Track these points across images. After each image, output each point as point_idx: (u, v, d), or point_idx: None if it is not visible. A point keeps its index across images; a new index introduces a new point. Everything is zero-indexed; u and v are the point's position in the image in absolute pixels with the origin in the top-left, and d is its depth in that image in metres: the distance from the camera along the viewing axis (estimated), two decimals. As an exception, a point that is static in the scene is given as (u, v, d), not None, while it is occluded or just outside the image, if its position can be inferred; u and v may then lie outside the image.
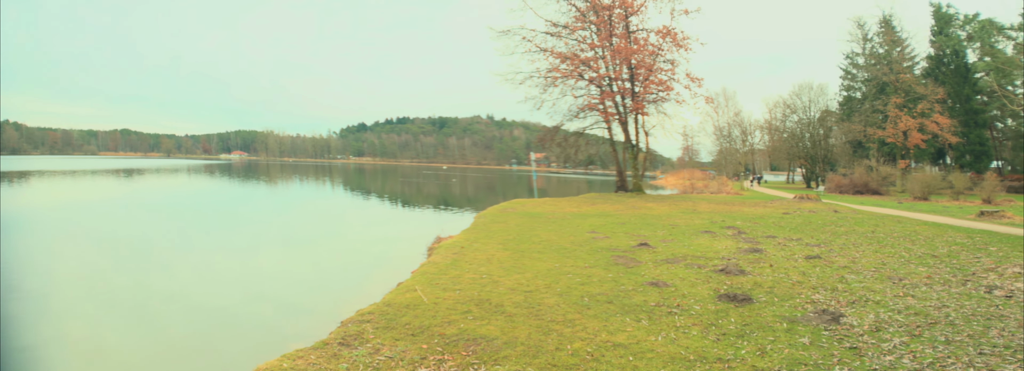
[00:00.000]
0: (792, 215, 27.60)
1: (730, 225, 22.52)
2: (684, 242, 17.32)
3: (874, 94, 64.84)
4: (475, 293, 10.17)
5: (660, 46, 46.19)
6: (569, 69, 45.78)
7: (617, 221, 23.84)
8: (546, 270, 12.48)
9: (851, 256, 14.81)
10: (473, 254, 14.61)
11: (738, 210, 30.50)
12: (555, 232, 19.75)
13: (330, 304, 11.76)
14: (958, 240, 18.42)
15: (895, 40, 66.23)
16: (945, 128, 59.13)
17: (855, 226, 22.71)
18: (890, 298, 10.03)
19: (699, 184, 62.65)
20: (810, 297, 10.02)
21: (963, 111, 62.76)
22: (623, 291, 10.37)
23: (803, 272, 12.37)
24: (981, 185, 42.55)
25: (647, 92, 46.05)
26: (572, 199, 38.44)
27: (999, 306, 9.62)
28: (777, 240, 18.10)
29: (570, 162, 54.13)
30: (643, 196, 43.04)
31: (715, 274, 11.98)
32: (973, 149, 63.48)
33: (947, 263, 13.89)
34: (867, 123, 63.71)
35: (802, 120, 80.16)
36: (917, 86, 61.30)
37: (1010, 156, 68.87)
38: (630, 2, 46.21)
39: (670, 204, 34.46)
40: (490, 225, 22.04)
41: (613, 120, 47.28)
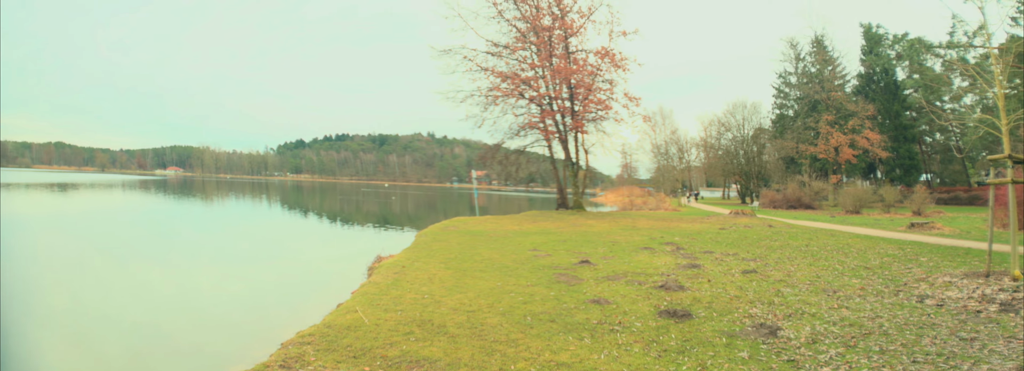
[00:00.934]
0: (728, 230, 28.05)
1: (669, 241, 22.81)
2: (624, 259, 17.49)
3: (806, 112, 66.56)
4: (417, 314, 10.12)
5: (599, 66, 46.81)
6: (510, 88, 46.06)
7: (558, 238, 23.97)
8: (488, 289, 12.49)
9: (786, 270, 15.14)
10: (414, 274, 14.53)
11: (676, 226, 30.90)
12: (497, 250, 19.76)
13: (269, 325, 11.59)
14: (890, 252, 18.91)
15: (827, 59, 68.24)
16: (875, 143, 60.88)
17: (789, 240, 23.17)
18: (825, 310, 10.28)
19: (638, 201, 63.20)
20: (748, 311, 10.22)
21: (893, 127, 64.81)
22: (565, 309, 10.44)
23: (740, 287, 12.60)
24: (911, 198, 43.73)
25: (586, 111, 46.58)
26: (514, 217, 38.50)
27: (931, 315, 9.94)
28: (714, 255, 18.39)
29: (511, 180, 54.42)
30: (584, 213, 43.33)
31: (655, 290, 12.13)
32: (903, 163, 65.58)
33: (879, 274, 14.28)
34: (799, 140, 65.36)
35: (736, 138, 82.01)
36: (848, 103, 63.15)
37: (939, 169, 71.35)
38: (569, 23, 46.80)
39: (610, 221, 34.77)
40: (431, 244, 21.93)
41: (553, 138, 47.69)
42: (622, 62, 46.38)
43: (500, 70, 46.62)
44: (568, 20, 46.98)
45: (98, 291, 15.48)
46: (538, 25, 45.92)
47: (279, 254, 24.87)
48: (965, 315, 9.94)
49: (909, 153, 66.55)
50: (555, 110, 46.55)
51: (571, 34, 47.11)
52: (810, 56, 70.35)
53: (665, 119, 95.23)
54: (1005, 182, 12.90)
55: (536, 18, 46.26)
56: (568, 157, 48.12)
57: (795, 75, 72.22)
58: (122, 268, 19.56)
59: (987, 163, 14.03)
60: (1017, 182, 12.84)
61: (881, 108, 65.57)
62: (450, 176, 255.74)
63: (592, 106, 46.46)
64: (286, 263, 22.02)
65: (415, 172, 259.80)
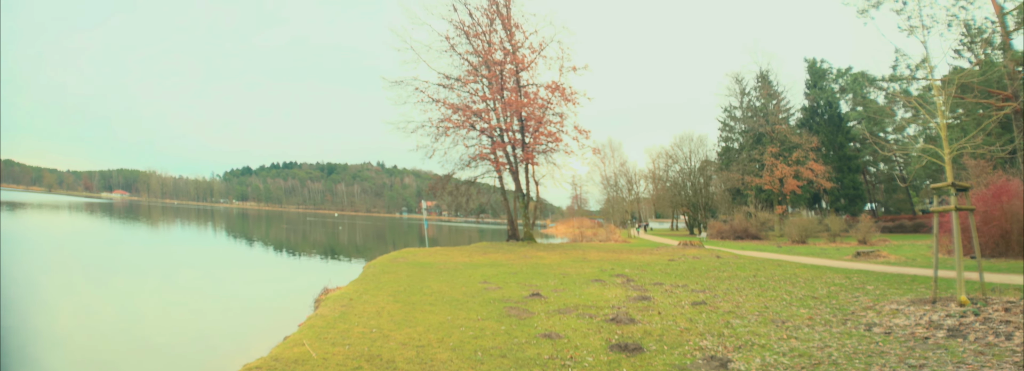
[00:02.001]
0: (677, 262, 28.16)
1: (619, 273, 22.76)
2: (575, 291, 17.39)
3: (751, 144, 67.74)
4: (365, 348, 9.91)
5: (549, 100, 47.07)
6: (461, 120, 46.09)
7: (509, 271, 23.80)
8: (438, 323, 12.28)
9: (735, 301, 15.17)
10: (362, 306, 14.26)
11: (626, 257, 30.93)
12: (447, 283, 19.53)
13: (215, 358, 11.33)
14: (837, 281, 19.11)
15: (771, 93, 69.71)
16: (820, 174, 62.08)
17: (737, 271, 23.32)
18: (775, 341, 10.29)
19: (588, 232, 63.33)
20: (698, 344, 10.18)
21: (837, 158, 66.20)
22: (517, 344, 10.30)
23: (690, 318, 12.57)
24: (856, 227, 44.45)
25: (537, 143, 46.74)
26: (464, 248, 38.26)
27: (879, 343, 10.00)
28: (664, 287, 18.38)
29: (462, 211, 54.19)
30: (534, 245, 43.22)
31: (606, 323, 12.04)
32: (847, 193, 66.87)
33: (827, 304, 14.38)
34: (745, 171, 66.37)
35: (684, 170, 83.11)
36: (792, 136, 64.44)
37: (883, 198, 72.97)
38: (521, 58, 47.11)
39: (561, 253, 34.70)
40: (380, 276, 21.61)
41: (504, 170, 47.71)
42: (572, 96, 46.79)
43: (452, 102, 46.67)
44: (519, 55, 47.29)
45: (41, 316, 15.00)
46: (490, 59, 46.15)
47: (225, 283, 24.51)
48: (913, 342, 10.02)
49: (853, 183, 67.92)
50: (506, 142, 46.64)
51: (522, 68, 47.43)
52: (755, 90, 71.82)
53: (614, 151, 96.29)
54: (949, 209, 13.13)
55: (488, 52, 46.51)
56: (519, 188, 48.14)
57: (740, 109, 73.47)
58: (67, 292, 19.08)
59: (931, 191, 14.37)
60: (961, 209, 13.07)
61: (825, 140, 67.07)
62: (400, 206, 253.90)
63: (543, 138, 46.66)
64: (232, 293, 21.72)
65: (364, 202, 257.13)
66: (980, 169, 37.45)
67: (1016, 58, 22.28)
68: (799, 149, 63.67)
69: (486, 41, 47.03)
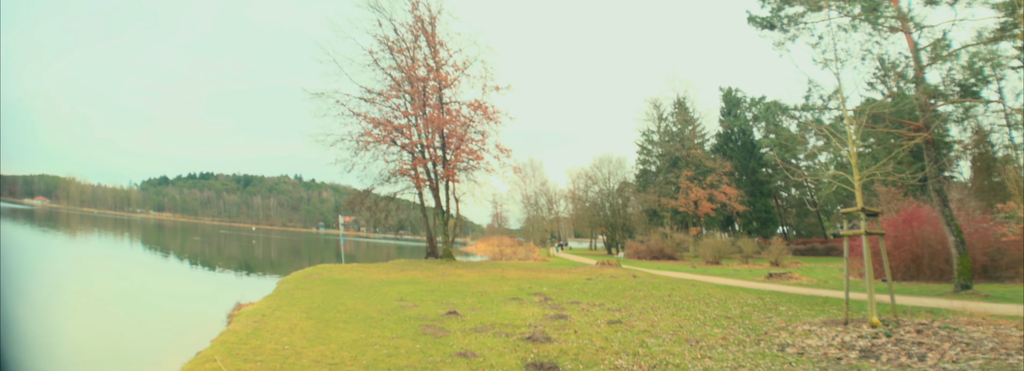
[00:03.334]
0: (595, 281, 28.25)
1: (537, 291, 22.72)
2: (493, 310, 17.24)
3: (667, 167, 69.03)
4: (277, 365, 9.60)
5: (472, 118, 47.13)
6: (382, 134, 45.63)
7: (426, 288, 23.49)
8: (352, 341, 11.98)
9: (650, 320, 15.23)
10: (275, 323, 13.85)
11: (544, 276, 30.93)
12: (362, 300, 19.14)
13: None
14: (750, 301, 19.41)
15: (688, 119, 71.31)
16: (733, 198, 63.48)
17: (653, 290, 23.52)
18: (689, 361, 10.31)
19: (508, 250, 63.31)
20: (613, 363, 10.13)
21: (750, 182, 67.89)
22: (431, 363, 10.08)
23: (606, 338, 12.55)
24: (768, 249, 45.55)
25: (458, 160, 46.63)
26: (381, 265, 37.74)
27: (792, 363, 10.10)
28: (581, 306, 18.37)
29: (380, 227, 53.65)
30: (453, 262, 42.95)
31: (523, 342, 11.91)
32: (760, 216, 68.54)
33: (741, 324, 14.55)
34: (661, 193, 67.47)
35: (603, 190, 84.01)
36: (707, 160, 65.95)
37: (795, 222, 75.10)
38: (444, 76, 47.04)
39: (480, 271, 34.51)
40: (293, 292, 21.10)
41: (424, 186, 47.37)
42: (494, 115, 46.95)
43: (373, 116, 46.22)
44: (443, 72, 47.21)
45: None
46: (413, 75, 45.94)
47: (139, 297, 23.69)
48: (826, 363, 10.14)
49: (766, 207, 69.69)
50: (427, 158, 46.34)
51: (445, 86, 47.35)
52: (672, 116, 73.45)
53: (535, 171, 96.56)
54: (859, 233, 13.42)
55: (411, 68, 46.31)
56: (439, 205, 47.86)
57: (658, 133, 74.92)
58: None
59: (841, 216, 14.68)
60: (870, 233, 13.36)
61: (739, 165, 68.69)
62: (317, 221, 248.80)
63: (464, 156, 46.61)
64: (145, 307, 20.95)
65: (280, 215, 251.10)
66: (891, 196, 38.75)
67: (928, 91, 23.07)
68: (713, 173, 65.13)
69: (410, 57, 46.82)
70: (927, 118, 22.48)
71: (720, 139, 73.02)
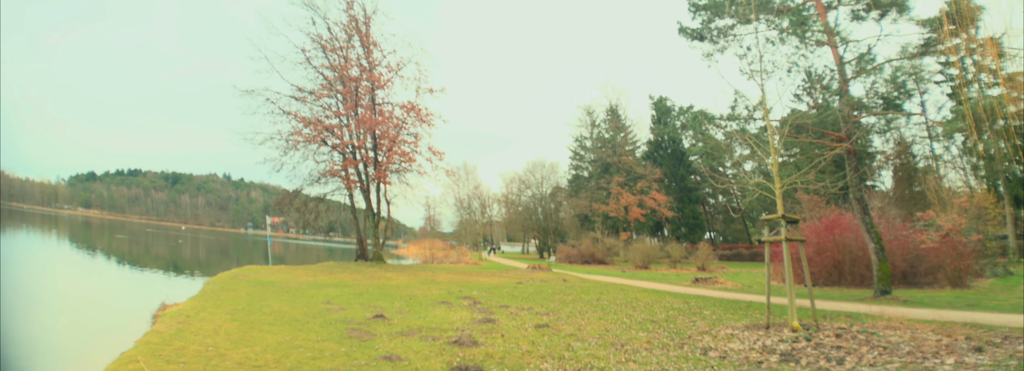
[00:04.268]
0: (525, 284, 28.36)
1: (467, 295, 22.68)
2: (421, 313, 17.13)
3: (599, 173, 69.77)
4: (200, 367, 9.44)
5: (404, 119, 46.84)
6: (312, 134, 44.92)
7: (354, 291, 23.25)
8: (276, 343, 11.79)
9: (577, 324, 15.36)
10: (199, 324, 13.56)
11: (475, 280, 30.92)
12: (288, 302, 18.85)
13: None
14: (675, 305, 19.68)
15: (620, 127, 72.14)
16: (662, 204, 64.52)
17: (582, 294, 23.71)
18: (613, 364, 10.39)
19: (440, 254, 63.07)
20: (539, 367, 10.17)
21: (679, 189, 69.07)
22: (356, 366, 9.99)
23: (532, 341, 12.58)
24: (695, 254, 46.31)
25: (390, 162, 46.25)
26: (309, 267, 37.22)
27: (714, 367, 10.26)
28: (510, 310, 18.40)
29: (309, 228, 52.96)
30: (383, 265, 42.58)
31: (449, 346, 11.87)
32: (688, 222, 69.84)
33: (665, 328, 14.73)
34: (593, 199, 68.09)
35: (536, 195, 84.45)
36: (637, 167, 66.88)
37: (722, 228, 76.82)
38: (377, 76, 46.66)
39: (410, 274, 34.30)
40: (219, 293, 20.67)
41: (355, 187, 46.82)
42: (428, 117, 46.78)
43: (303, 115, 45.43)
44: (376, 73, 46.85)
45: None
46: (346, 75, 45.44)
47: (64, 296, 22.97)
48: (747, 366, 10.32)
49: (694, 213, 71.03)
50: (358, 159, 45.88)
51: (378, 86, 46.97)
52: (605, 123, 74.37)
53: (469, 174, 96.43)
54: (780, 239, 13.69)
55: (344, 68, 45.80)
56: (369, 207, 47.42)
57: (590, 140, 75.71)
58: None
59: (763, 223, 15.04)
60: (791, 240, 13.65)
61: (668, 172, 69.90)
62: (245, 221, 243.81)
63: (396, 157, 46.27)
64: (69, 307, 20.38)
65: (208, 215, 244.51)
66: (814, 203, 39.74)
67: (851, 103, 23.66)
68: (644, 179, 66.21)
69: (343, 56, 46.28)
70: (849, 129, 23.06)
71: (651, 146, 74.16)
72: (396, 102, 47.54)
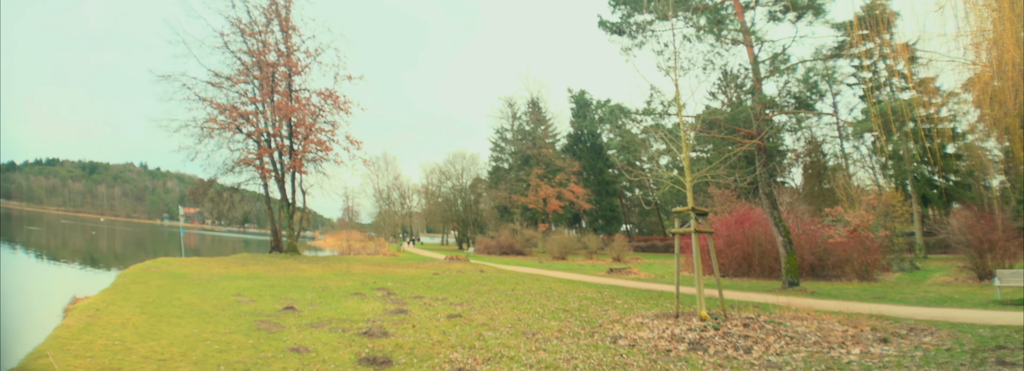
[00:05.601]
0: (441, 275, 28.31)
1: (381, 286, 22.52)
2: (332, 305, 16.93)
3: (519, 165, 70.03)
4: (107, 361, 9.17)
5: (321, 107, 46.30)
6: (227, 121, 43.96)
7: (266, 283, 22.85)
8: (184, 336, 11.52)
9: (490, 314, 15.42)
10: (108, 317, 13.17)
11: (391, 271, 30.75)
12: (199, 295, 18.42)
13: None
14: (589, 295, 19.92)
15: (540, 119, 72.55)
16: (580, 196, 65.11)
17: (498, 285, 23.83)
18: (524, 353, 10.47)
19: (357, 245, 62.51)
20: (449, 356, 10.15)
21: (597, 182, 69.85)
22: (262, 358, 9.81)
23: (444, 331, 12.58)
24: (611, 246, 47.05)
25: (306, 151, 45.61)
26: (222, 259, 36.49)
27: (623, 355, 10.39)
28: (424, 300, 18.34)
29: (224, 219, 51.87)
30: (297, 257, 41.97)
31: (358, 337, 11.76)
32: (605, 214, 70.74)
33: (577, 317, 14.89)
34: (512, 190, 68.30)
35: (456, 186, 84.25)
36: (556, 160, 67.30)
37: (638, 220, 78.06)
38: (295, 62, 45.95)
39: (324, 266, 33.89)
40: (130, 286, 20.10)
41: (270, 177, 46.02)
42: (345, 105, 46.41)
43: (219, 102, 44.46)
44: (294, 58, 46.14)
45: None
46: (263, 60, 44.59)
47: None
48: (656, 354, 10.48)
49: (611, 206, 71.99)
50: (273, 148, 45.08)
51: (296, 72, 46.29)
52: (526, 115, 74.67)
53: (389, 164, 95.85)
54: (689, 231, 13.95)
55: (262, 53, 44.95)
56: (284, 197, 46.68)
57: (511, 132, 75.99)
58: None
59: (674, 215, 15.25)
60: (700, 232, 13.91)
61: (587, 165, 70.56)
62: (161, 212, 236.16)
63: (312, 146, 45.68)
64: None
65: (124, 206, 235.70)
66: (726, 198, 40.62)
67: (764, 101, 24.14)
68: (563, 172, 66.73)
69: (261, 41, 45.42)
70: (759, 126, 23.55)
71: (570, 139, 74.78)
72: (314, 89, 47.13)
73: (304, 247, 60.25)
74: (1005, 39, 11.00)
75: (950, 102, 41.24)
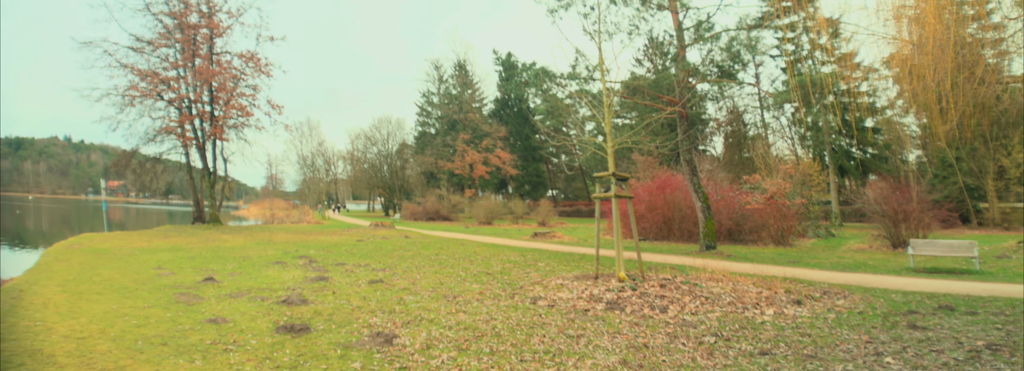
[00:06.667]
0: (365, 242, 28.32)
1: (303, 254, 22.40)
2: (253, 274, 16.77)
3: (446, 130, 69.88)
4: (28, 343, 8.95)
5: (243, 70, 45.25)
6: (148, 88, 42.42)
7: (187, 255, 22.45)
8: (103, 313, 11.31)
9: (412, 278, 15.52)
10: (30, 298, 12.84)
11: (314, 239, 30.61)
12: (119, 270, 18.02)
13: None
14: (512, 258, 20.23)
15: (467, 83, 72.14)
16: (507, 162, 65.39)
17: (421, 250, 24.00)
18: (443, 315, 10.59)
19: (281, 214, 61.78)
20: (368, 321, 10.19)
21: (523, 147, 70.17)
22: (180, 331, 9.71)
23: (364, 297, 12.60)
24: (537, 210, 47.58)
25: (227, 117, 44.56)
26: (144, 232, 35.68)
27: (542, 315, 10.60)
28: (346, 267, 18.32)
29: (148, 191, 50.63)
30: (220, 228, 41.25)
31: (277, 306, 11.70)
32: (531, 180, 71.27)
33: (499, 279, 15.12)
34: (439, 156, 68.20)
35: (382, 152, 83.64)
36: (483, 125, 67.35)
37: (563, 186, 78.89)
38: (217, 23, 44.61)
39: (246, 235, 33.47)
40: (52, 264, 19.53)
41: (191, 145, 44.82)
42: (267, 67, 45.50)
43: (141, 67, 42.83)
44: (216, 19, 44.82)
45: None
46: (184, 22, 43.20)
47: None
48: (574, 314, 10.73)
49: (537, 171, 72.52)
50: (194, 114, 43.90)
51: (217, 34, 44.96)
52: (453, 78, 74.30)
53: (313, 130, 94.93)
54: (609, 196, 14.18)
55: (184, 14, 43.53)
56: (206, 166, 45.64)
57: (438, 96, 75.66)
58: None
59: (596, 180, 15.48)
60: (620, 196, 14.15)
61: (513, 131, 70.80)
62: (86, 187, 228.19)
63: (233, 111, 44.67)
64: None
65: (50, 182, 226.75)
66: (648, 164, 41.31)
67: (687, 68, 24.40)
68: (489, 137, 66.89)
69: (183, 1, 43.97)
70: (682, 93, 23.87)
71: (497, 104, 74.78)
72: (235, 51, 45.83)
73: (227, 217, 59.37)
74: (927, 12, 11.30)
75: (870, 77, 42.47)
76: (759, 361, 7.92)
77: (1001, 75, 12.15)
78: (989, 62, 12.07)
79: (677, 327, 9.82)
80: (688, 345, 8.67)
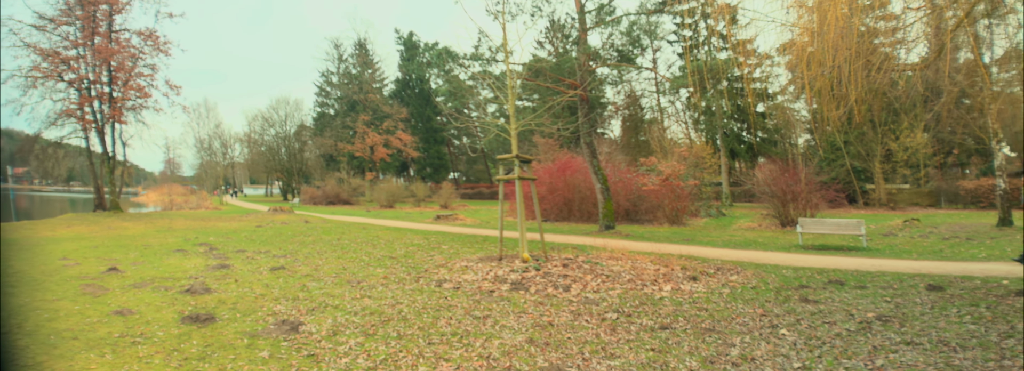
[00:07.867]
0: (265, 228, 28.04)
1: (203, 242, 22.12)
2: (155, 263, 16.49)
3: (345, 111, 68.96)
4: (-64, 346, 8.62)
5: (142, 49, 43.55)
6: (50, 68, 40.35)
7: (90, 245, 21.85)
8: (16, 307, 10.99)
9: (315, 264, 15.57)
10: (-63, 300, 12.31)
11: (214, 225, 30.15)
12: (26, 261, 17.45)
13: None
14: (415, 242, 20.43)
15: (367, 62, 71.16)
16: (408, 144, 65.19)
17: (323, 235, 23.97)
18: (348, 301, 10.69)
19: (179, 199, 60.25)
20: (272, 309, 10.21)
21: (425, 129, 69.97)
22: (89, 324, 9.54)
23: (267, 284, 12.61)
24: (439, 193, 47.80)
25: (126, 98, 42.93)
26: (48, 221, 34.39)
27: (448, 297, 10.83)
28: (247, 254, 18.19)
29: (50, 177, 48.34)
30: (121, 215, 40.04)
31: (181, 295, 11.60)
32: (433, 162, 71.22)
33: (403, 263, 15.31)
34: (338, 138, 67.43)
35: (279, 134, 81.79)
36: (384, 106, 66.71)
37: (465, 168, 79.06)
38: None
39: (146, 222, 32.70)
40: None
41: (91, 128, 43.00)
42: (165, 46, 43.93)
43: (43, 47, 40.69)
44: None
45: None
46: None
47: None
48: (479, 295, 11.00)
49: (439, 154, 72.52)
50: (94, 96, 42.10)
51: (117, 10, 42.99)
52: (353, 58, 72.99)
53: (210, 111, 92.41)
54: (512, 178, 14.44)
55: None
56: (105, 150, 43.89)
57: (337, 75, 74.27)
58: None
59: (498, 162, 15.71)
60: (523, 178, 14.43)
61: (415, 112, 70.44)
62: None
63: (132, 93, 43.02)
64: None
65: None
66: (549, 147, 41.90)
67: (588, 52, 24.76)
68: (390, 119, 66.41)
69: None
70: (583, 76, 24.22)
71: (399, 85, 74.13)
72: (134, 29, 44.01)
73: (128, 204, 57.48)
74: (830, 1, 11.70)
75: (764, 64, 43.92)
76: (660, 335, 8.30)
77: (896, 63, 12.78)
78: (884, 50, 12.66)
79: (580, 305, 10.18)
80: (591, 322, 9.00)
